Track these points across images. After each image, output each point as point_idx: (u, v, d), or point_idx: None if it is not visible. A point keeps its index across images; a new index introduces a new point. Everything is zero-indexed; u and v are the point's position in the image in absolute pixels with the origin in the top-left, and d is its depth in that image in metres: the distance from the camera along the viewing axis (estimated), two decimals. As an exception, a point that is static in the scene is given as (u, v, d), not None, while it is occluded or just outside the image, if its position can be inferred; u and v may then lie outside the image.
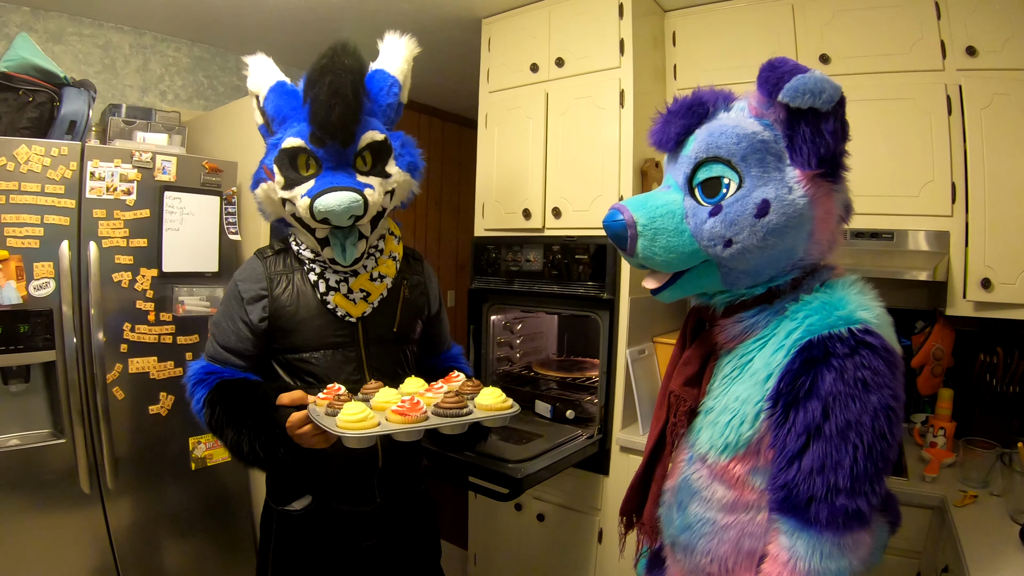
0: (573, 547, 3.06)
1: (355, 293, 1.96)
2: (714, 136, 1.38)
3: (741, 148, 1.35)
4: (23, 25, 3.40)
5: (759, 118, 1.39)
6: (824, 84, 1.26)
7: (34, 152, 2.54)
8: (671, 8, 3.27)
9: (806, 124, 1.31)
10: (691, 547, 1.49)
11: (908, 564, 2.36)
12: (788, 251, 1.40)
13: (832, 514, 1.23)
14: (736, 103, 1.48)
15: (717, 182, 1.39)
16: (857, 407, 1.24)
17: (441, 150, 5.72)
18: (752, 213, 1.34)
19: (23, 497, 2.55)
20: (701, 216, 1.39)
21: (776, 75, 1.30)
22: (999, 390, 2.70)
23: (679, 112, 1.49)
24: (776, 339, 1.39)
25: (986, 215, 2.48)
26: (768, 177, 1.35)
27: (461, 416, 1.71)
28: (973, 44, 2.52)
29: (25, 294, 2.52)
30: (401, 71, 2.09)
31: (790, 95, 1.26)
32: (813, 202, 1.36)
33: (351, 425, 1.61)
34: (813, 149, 1.31)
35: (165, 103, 3.99)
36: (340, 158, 1.88)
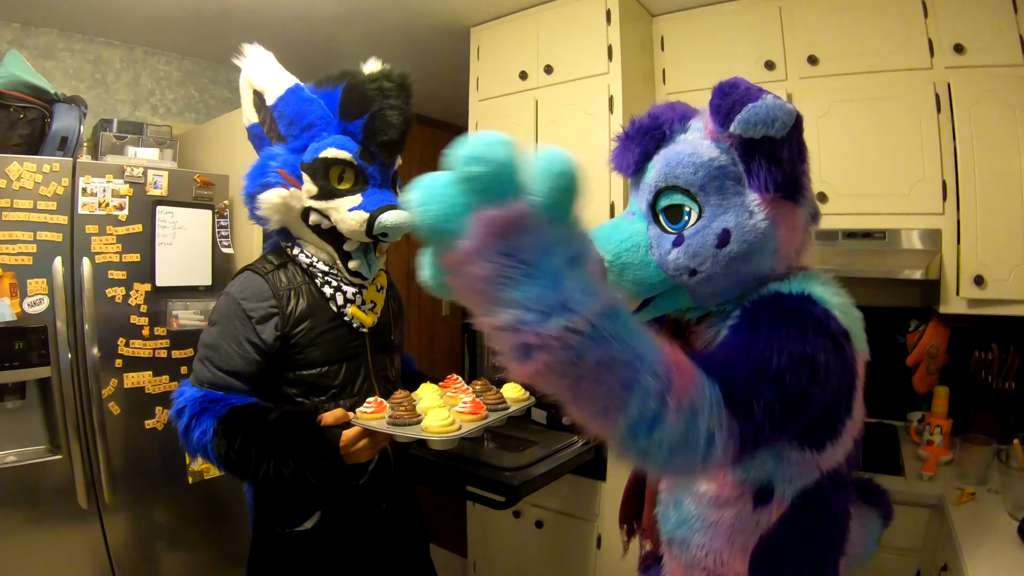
0: (572, 553, 3.06)
1: (367, 304, 1.97)
2: (671, 165, 1.35)
3: (699, 178, 1.32)
4: (13, 42, 3.41)
5: (715, 141, 1.34)
6: (776, 112, 1.21)
7: (26, 169, 2.54)
8: (659, 12, 3.28)
9: (761, 152, 1.28)
10: (687, 542, 1.49)
11: (907, 563, 2.37)
12: (755, 271, 1.37)
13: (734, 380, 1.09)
14: (693, 122, 1.43)
15: (679, 209, 1.36)
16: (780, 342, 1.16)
17: (432, 158, 5.67)
18: (713, 244, 1.31)
19: (21, 513, 2.54)
20: (665, 246, 1.37)
21: (728, 103, 1.25)
22: (994, 387, 2.70)
23: (635, 137, 1.46)
24: None
25: (977, 212, 2.49)
26: (728, 204, 1.32)
27: (508, 410, 1.89)
28: (960, 41, 2.53)
29: (19, 311, 2.52)
30: None
31: (742, 127, 1.22)
32: (775, 223, 1.33)
33: (443, 429, 1.69)
34: (770, 176, 1.28)
35: (156, 117, 3.99)
36: (385, 177, 1.93)
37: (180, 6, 3.36)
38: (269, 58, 1.97)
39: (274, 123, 1.94)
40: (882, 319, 3.16)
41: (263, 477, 1.72)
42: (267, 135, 1.96)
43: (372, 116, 1.85)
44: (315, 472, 1.72)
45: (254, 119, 1.99)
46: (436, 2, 3.35)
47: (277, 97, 1.90)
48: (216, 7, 3.37)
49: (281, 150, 1.91)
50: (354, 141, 1.88)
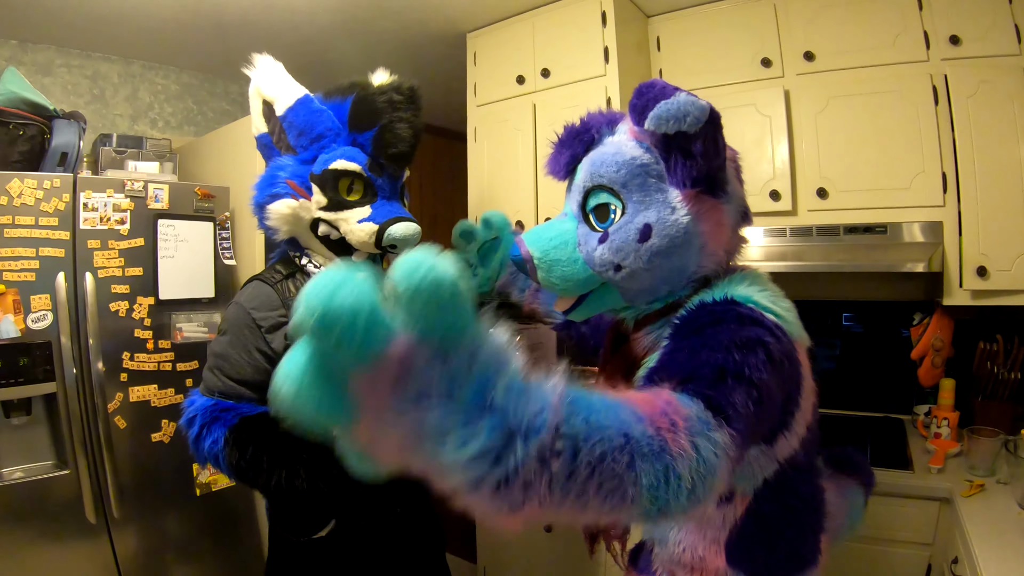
0: (581, 556, 3.04)
1: None
2: (596, 165, 1.39)
3: (621, 176, 1.36)
4: (11, 59, 3.42)
5: (639, 141, 1.38)
6: (688, 108, 1.23)
7: (27, 185, 2.54)
8: (654, 13, 3.29)
9: (676, 147, 1.30)
10: (665, 539, 1.53)
11: (919, 556, 2.36)
12: (680, 268, 1.40)
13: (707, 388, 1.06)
14: (620, 125, 1.47)
15: (606, 208, 1.40)
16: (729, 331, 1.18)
17: (433, 165, 5.73)
18: (635, 238, 1.35)
19: (30, 529, 2.54)
20: (592, 244, 1.41)
21: (643, 102, 1.28)
22: (1000, 377, 2.70)
23: (567, 142, 1.51)
24: None
25: (978, 203, 2.49)
26: (650, 200, 1.36)
27: None
28: (956, 33, 2.54)
29: (23, 327, 2.52)
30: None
31: (654, 123, 1.25)
32: (698, 218, 1.35)
33: None
34: (686, 171, 1.31)
35: (155, 131, 4.00)
36: (394, 189, 1.96)
37: (177, 20, 3.37)
38: (279, 68, 1.97)
39: (283, 133, 1.93)
40: (886, 313, 3.16)
41: (275, 487, 1.72)
42: (276, 145, 1.96)
43: (382, 128, 1.87)
44: (327, 481, 1.71)
45: (263, 129, 1.98)
46: (432, 10, 3.36)
47: (287, 107, 1.90)
48: (213, 20, 3.38)
49: (290, 160, 1.91)
50: (363, 153, 1.89)
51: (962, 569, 1.95)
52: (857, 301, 3.27)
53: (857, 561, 2.43)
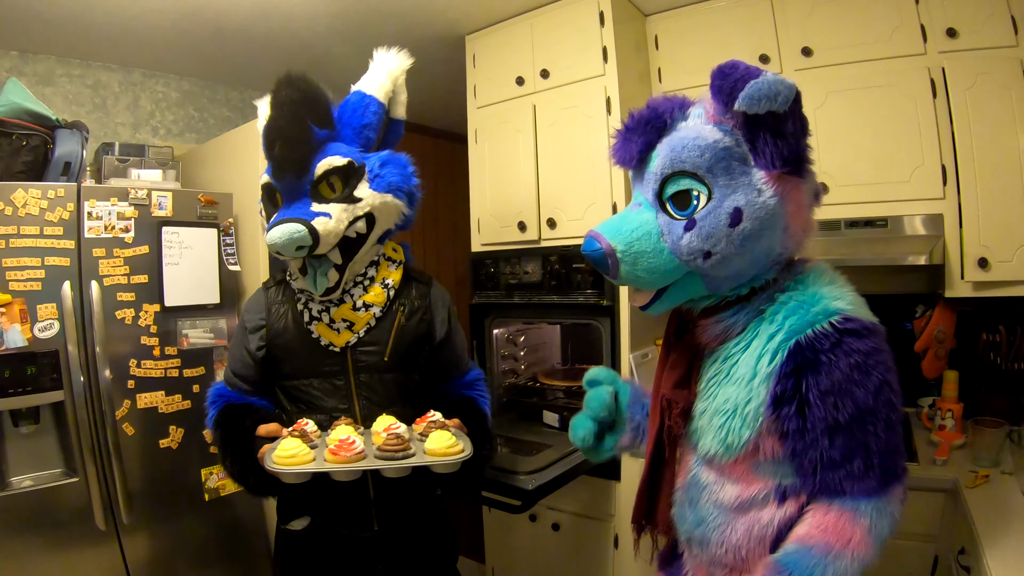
0: (590, 554, 3.06)
1: (338, 323, 1.95)
2: (676, 150, 1.39)
3: (705, 160, 1.36)
4: (12, 69, 3.43)
5: (718, 124, 1.39)
6: (779, 87, 1.26)
7: (31, 195, 2.56)
8: (652, 12, 3.29)
9: (765, 127, 1.32)
10: (706, 540, 1.53)
11: (925, 548, 2.37)
12: (767, 250, 1.42)
13: (872, 485, 1.32)
14: (692, 109, 1.48)
15: (687, 195, 1.40)
16: (861, 392, 1.30)
17: (434, 168, 5.73)
18: (726, 223, 1.36)
19: (40, 537, 2.56)
20: (677, 232, 1.40)
21: (729, 83, 1.30)
22: (1004, 368, 2.71)
23: (637, 129, 1.48)
24: (758, 341, 1.42)
25: (978, 195, 2.50)
26: (736, 184, 1.36)
27: (397, 460, 1.72)
28: (953, 26, 2.54)
29: (30, 336, 2.54)
30: (382, 88, 2.08)
31: (747, 103, 1.27)
32: (783, 199, 1.37)
33: (283, 461, 1.68)
34: (776, 151, 1.33)
35: (157, 139, 4.01)
36: (295, 189, 1.88)
37: (176, 28, 3.38)
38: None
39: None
40: (888, 306, 3.14)
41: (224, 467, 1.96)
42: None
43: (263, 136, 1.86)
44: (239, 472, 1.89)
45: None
46: (430, 12, 3.37)
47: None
48: (212, 27, 3.39)
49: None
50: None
51: (968, 560, 1.95)
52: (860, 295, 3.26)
53: (864, 554, 2.43)
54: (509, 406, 3.53)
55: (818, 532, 1.33)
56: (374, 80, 2.08)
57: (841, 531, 1.31)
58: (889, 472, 1.32)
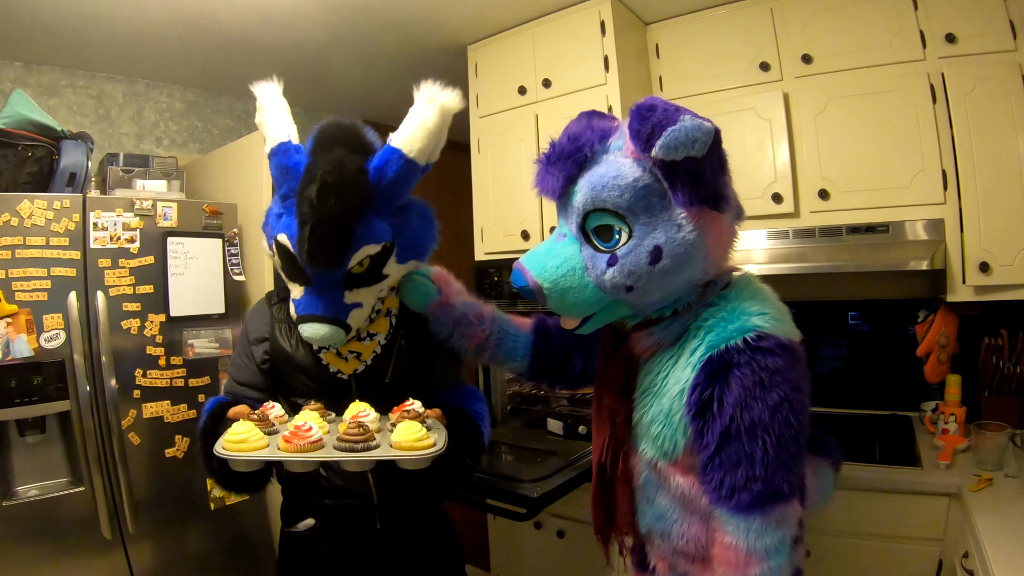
0: (595, 562, 3.03)
1: (345, 352, 1.91)
2: (596, 189, 1.38)
3: (625, 199, 1.36)
4: (17, 80, 3.46)
5: (637, 160, 1.37)
6: (696, 133, 1.25)
7: (36, 206, 2.58)
8: (652, 20, 3.31)
9: (683, 171, 1.32)
10: (667, 532, 1.59)
11: (929, 552, 2.37)
12: (688, 279, 1.45)
13: (753, 499, 1.34)
14: (613, 140, 1.45)
15: (609, 228, 1.41)
16: (759, 407, 1.34)
17: (437, 177, 5.70)
18: (647, 261, 1.38)
19: (46, 546, 2.57)
20: (600, 266, 1.42)
21: (647, 127, 1.28)
22: (1006, 372, 2.71)
23: (557, 161, 1.46)
24: (684, 356, 1.46)
25: (979, 199, 2.50)
26: (656, 221, 1.37)
27: (356, 452, 1.56)
28: (952, 31, 2.56)
29: (36, 346, 2.55)
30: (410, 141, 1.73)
31: (663, 152, 1.26)
32: (703, 232, 1.39)
33: (232, 447, 1.55)
34: (694, 193, 1.34)
35: (161, 149, 4.03)
36: (330, 277, 1.74)
37: (180, 39, 3.40)
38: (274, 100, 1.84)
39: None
40: (891, 311, 3.18)
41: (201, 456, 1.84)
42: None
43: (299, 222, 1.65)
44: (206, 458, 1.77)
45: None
46: (432, 23, 3.39)
47: (269, 149, 1.80)
48: (215, 38, 3.41)
49: (274, 205, 1.84)
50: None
51: (973, 563, 1.95)
52: (862, 300, 3.28)
53: (869, 558, 2.44)
54: (513, 414, 3.53)
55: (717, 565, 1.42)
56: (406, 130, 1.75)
57: (727, 558, 1.38)
58: (771, 490, 1.34)
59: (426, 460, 1.59)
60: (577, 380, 2.04)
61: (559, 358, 2.00)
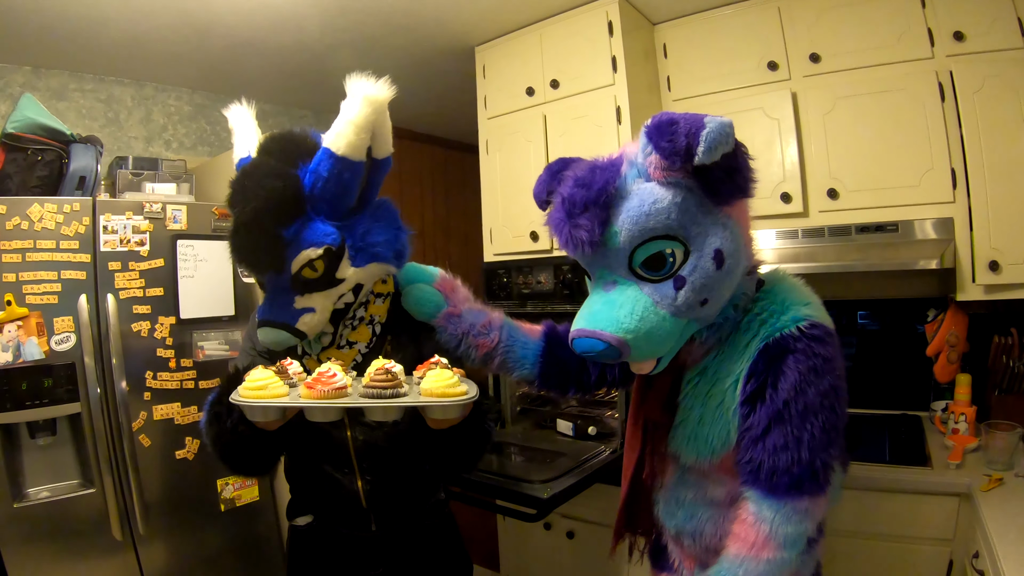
0: (605, 563, 3.05)
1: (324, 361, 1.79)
2: (640, 221, 1.35)
3: (673, 219, 1.34)
4: (26, 84, 3.48)
5: (666, 181, 1.35)
6: (725, 128, 1.25)
7: (47, 210, 2.59)
8: (659, 20, 3.31)
9: (719, 168, 1.31)
10: (699, 531, 1.61)
11: (940, 553, 2.36)
12: (743, 270, 1.48)
13: (791, 483, 1.36)
14: (627, 171, 1.41)
15: (660, 257, 1.38)
16: (813, 391, 1.37)
17: (445, 178, 5.75)
18: (713, 268, 1.37)
19: (57, 548, 2.58)
20: (669, 294, 1.38)
21: (681, 139, 1.26)
22: (1016, 371, 2.70)
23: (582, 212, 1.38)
24: (736, 349, 1.49)
25: (988, 198, 2.50)
26: (705, 229, 1.37)
27: (385, 398, 1.48)
28: (960, 29, 2.55)
29: (47, 349, 2.56)
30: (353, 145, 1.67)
31: (707, 155, 1.25)
32: (739, 221, 1.43)
33: (249, 394, 1.47)
34: (735, 187, 1.36)
35: (170, 152, 4.04)
36: (276, 284, 1.73)
37: (188, 42, 3.42)
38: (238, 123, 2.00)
39: None
40: (900, 310, 3.17)
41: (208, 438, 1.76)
42: None
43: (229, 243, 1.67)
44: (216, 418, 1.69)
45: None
46: (440, 24, 3.40)
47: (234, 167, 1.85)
48: (222, 42, 3.42)
49: None
50: None
51: (983, 563, 1.94)
52: (871, 299, 3.27)
53: (879, 559, 2.43)
54: (523, 415, 3.53)
55: (732, 540, 1.43)
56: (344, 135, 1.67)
57: (745, 536, 1.40)
58: (807, 475, 1.37)
59: (457, 408, 1.51)
60: (592, 388, 2.02)
61: (572, 366, 1.95)
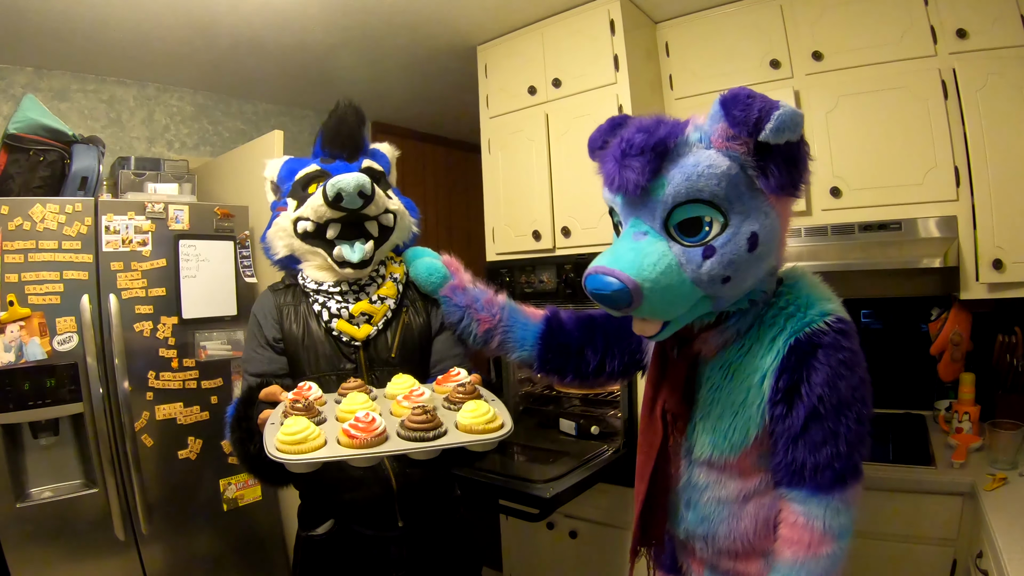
0: (608, 562, 3.05)
1: (357, 317, 1.94)
2: (692, 179, 1.35)
3: (723, 188, 1.35)
4: (28, 85, 3.48)
5: (726, 151, 1.36)
6: (798, 118, 1.29)
7: (49, 210, 2.59)
8: (661, 19, 3.31)
9: (779, 155, 1.33)
10: (711, 534, 1.58)
11: (943, 552, 2.36)
12: (769, 268, 1.48)
13: (836, 477, 1.39)
14: (690, 133, 1.42)
15: (698, 221, 1.38)
16: (844, 385, 1.40)
17: (448, 177, 5.75)
18: (746, 248, 1.37)
19: (60, 548, 2.58)
20: (696, 260, 1.38)
21: (754, 114, 1.29)
22: (1020, 370, 2.69)
23: (636, 155, 1.38)
24: (761, 344, 1.48)
25: (992, 196, 2.49)
26: (748, 210, 1.38)
27: (428, 440, 1.48)
28: (963, 26, 2.54)
29: (49, 349, 2.56)
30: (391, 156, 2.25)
31: (774, 134, 1.27)
32: (781, 218, 1.44)
33: (289, 448, 1.40)
34: (788, 178, 1.36)
35: (172, 152, 4.05)
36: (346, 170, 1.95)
37: (190, 42, 3.41)
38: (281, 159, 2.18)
39: (279, 189, 2.08)
40: (904, 309, 3.16)
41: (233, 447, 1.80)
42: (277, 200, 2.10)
43: (323, 130, 2.08)
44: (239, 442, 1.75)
45: (271, 198, 2.14)
46: (441, 24, 3.39)
47: (276, 171, 2.11)
48: (225, 41, 3.42)
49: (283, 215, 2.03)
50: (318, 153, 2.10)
51: (987, 563, 1.94)
52: (875, 298, 3.26)
53: (882, 559, 2.42)
54: (526, 414, 3.53)
55: (784, 545, 1.44)
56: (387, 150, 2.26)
57: (799, 537, 1.40)
58: (848, 467, 1.41)
59: (495, 443, 1.53)
60: (589, 376, 2.01)
61: (572, 352, 1.98)
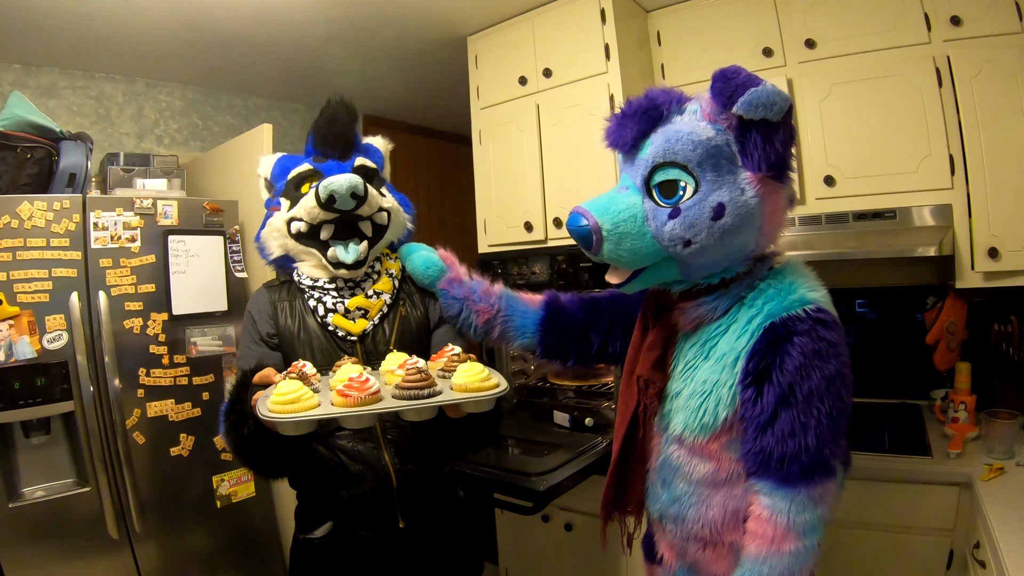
0: (603, 555, 3.05)
1: (353, 312, 1.95)
2: (671, 142, 1.45)
3: (697, 154, 1.43)
4: (16, 83, 3.45)
5: (712, 123, 1.46)
6: (775, 97, 1.35)
7: (36, 208, 2.57)
8: (653, 8, 3.29)
9: (757, 132, 1.40)
10: (681, 517, 1.61)
11: (940, 543, 2.35)
12: (742, 245, 1.51)
13: (802, 470, 1.38)
14: (689, 105, 1.54)
15: (674, 184, 1.47)
16: (817, 376, 1.39)
17: (439, 169, 5.73)
18: (709, 216, 1.44)
19: (53, 547, 2.57)
20: (661, 218, 1.47)
21: (731, 87, 1.37)
22: (1016, 359, 2.69)
23: (633, 116, 1.54)
24: (738, 325, 1.52)
25: (987, 184, 2.48)
26: (722, 180, 1.44)
27: (422, 398, 1.48)
28: (957, 13, 2.52)
29: (39, 348, 2.54)
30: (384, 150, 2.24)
31: (744, 108, 1.35)
32: (763, 201, 1.46)
33: (281, 408, 1.41)
34: (764, 156, 1.41)
35: (162, 147, 4.02)
36: (340, 168, 1.97)
37: (177, 37, 3.39)
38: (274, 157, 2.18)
39: (272, 187, 2.10)
40: (899, 298, 3.15)
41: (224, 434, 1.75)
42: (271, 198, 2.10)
43: (314, 128, 2.06)
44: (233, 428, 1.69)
45: (266, 196, 2.15)
46: (430, 14, 3.37)
47: (269, 168, 2.12)
48: (213, 36, 3.40)
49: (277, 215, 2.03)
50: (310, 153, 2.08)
51: (984, 553, 1.93)
52: (870, 288, 3.25)
53: (879, 549, 2.42)
54: (520, 407, 3.52)
55: (749, 539, 1.43)
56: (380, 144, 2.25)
57: (763, 531, 1.40)
58: (817, 462, 1.39)
59: (491, 401, 1.58)
60: (592, 359, 2.06)
61: (575, 335, 2.02)
